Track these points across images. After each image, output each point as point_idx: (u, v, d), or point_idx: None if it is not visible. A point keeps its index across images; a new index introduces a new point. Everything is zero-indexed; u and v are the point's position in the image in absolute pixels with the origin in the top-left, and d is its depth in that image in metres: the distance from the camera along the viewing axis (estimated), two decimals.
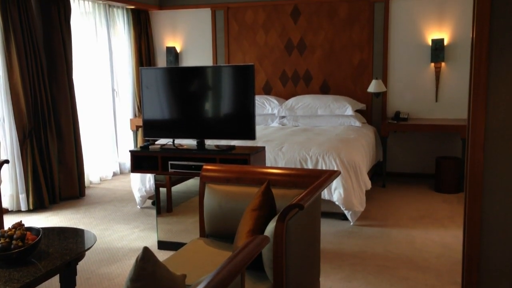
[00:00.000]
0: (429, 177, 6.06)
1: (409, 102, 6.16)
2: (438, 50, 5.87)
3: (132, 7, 6.71)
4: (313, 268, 2.72)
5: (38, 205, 5.17)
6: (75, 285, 2.78)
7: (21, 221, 2.63)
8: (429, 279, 3.37)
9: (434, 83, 6.03)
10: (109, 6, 6.51)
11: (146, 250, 1.47)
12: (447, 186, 5.51)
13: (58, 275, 2.69)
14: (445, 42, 5.90)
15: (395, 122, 5.80)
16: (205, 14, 6.94)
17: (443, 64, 5.97)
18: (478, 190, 2.31)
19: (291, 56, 6.60)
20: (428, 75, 6.06)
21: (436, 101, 6.06)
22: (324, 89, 6.49)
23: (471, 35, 2.31)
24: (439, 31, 5.94)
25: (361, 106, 6.15)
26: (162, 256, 3.41)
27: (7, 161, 3.49)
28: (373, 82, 5.95)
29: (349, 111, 5.82)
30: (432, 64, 6.00)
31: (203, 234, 2.92)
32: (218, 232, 2.82)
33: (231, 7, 6.76)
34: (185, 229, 4.08)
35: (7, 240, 2.43)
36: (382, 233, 4.30)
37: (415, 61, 6.09)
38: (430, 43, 5.96)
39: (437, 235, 4.21)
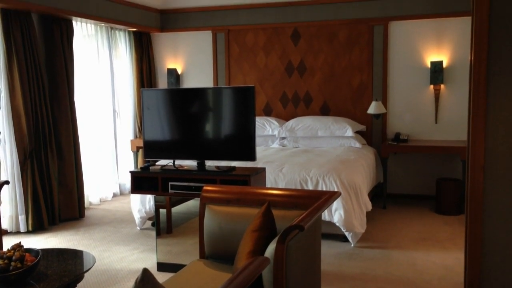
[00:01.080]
0: (429, 199, 6.04)
1: (409, 124, 6.19)
2: (437, 72, 5.92)
3: (134, 29, 6.79)
4: None
5: (38, 226, 5.15)
6: None
7: (20, 243, 2.62)
8: None
9: (434, 104, 6.06)
10: (111, 28, 6.59)
11: (145, 271, 1.47)
12: (448, 208, 5.49)
13: None
14: (444, 64, 5.95)
15: (395, 143, 5.82)
16: (206, 37, 7.01)
17: (442, 86, 6.01)
18: (478, 211, 2.31)
19: (291, 78, 6.65)
20: (427, 97, 6.10)
21: (436, 122, 6.08)
22: (324, 111, 6.52)
23: (469, 58, 2.33)
24: (437, 54, 6.00)
25: (361, 127, 6.17)
26: (162, 278, 3.38)
27: (7, 182, 3.49)
28: (373, 103, 5.98)
29: (349, 132, 5.84)
30: (432, 86, 6.04)
31: (203, 255, 2.90)
32: (218, 253, 2.80)
33: (232, 30, 6.84)
34: (185, 250, 4.05)
35: (5, 261, 2.41)
36: (383, 255, 4.27)
37: (415, 83, 6.14)
38: (429, 65, 6.01)
39: (438, 257, 4.18)
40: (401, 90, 6.20)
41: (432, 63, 5.96)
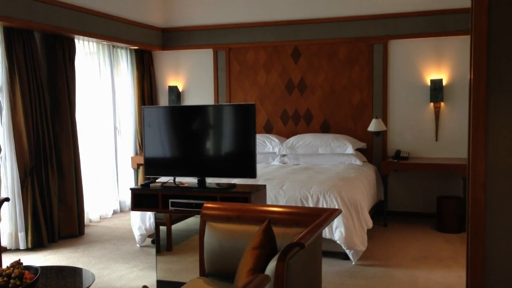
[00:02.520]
0: (430, 217, 6.02)
1: (410, 141, 6.19)
2: (437, 90, 5.95)
3: (136, 47, 6.85)
4: None
5: (37, 244, 5.12)
6: None
7: (19, 260, 2.61)
8: None
9: (434, 122, 6.08)
10: (113, 46, 6.65)
11: None
12: (449, 226, 5.47)
13: None
14: (444, 82, 5.98)
15: (396, 161, 5.82)
16: (207, 55, 7.06)
17: (442, 104, 6.03)
18: (480, 229, 2.30)
19: (291, 96, 6.68)
20: (427, 114, 6.12)
21: (436, 140, 6.09)
22: (325, 128, 6.54)
23: (469, 76, 2.35)
24: (437, 72, 6.04)
25: (362, 145, 6.18)
26: None
27: (7, 199, 3.49)
28: (373, 121, 6.00)
29: (350, 149, 5.85)
30: (432, 104, 6.06)
31: (203, 273, 2.88)
32: (218, 271, 2.79)
33: (233, 48, 6.89)
34: (185, 268, 4.03)
35: (5, 279, 2.40)
36: (384, 273, 4.24)
37: (415, 101, 6.16)
38: (429, 83, 6.04)
39: (440, 276, 4.15)
40: (401, 108, 6.22)
41: (432, 81, 5.99)
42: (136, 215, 4.94)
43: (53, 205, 5.34)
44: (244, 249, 2.48)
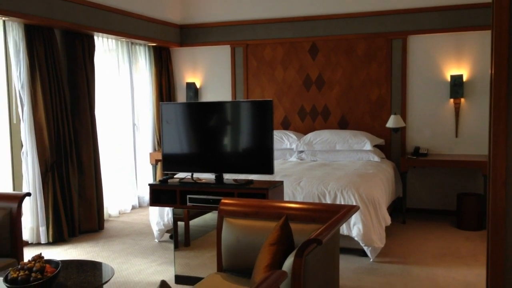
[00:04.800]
0: (450, 214, 5.95)
1: (429, 138, 6.12)
2: (457, 86, 5.87)
3: (154, 44, 6.89)
4: None
5: (58, 238, 5.21)
6: None
7: (40, 254, 2.65)
8: None
9: (454, 118, 6.00)
10: (132, 43, 6.70)
11: (163, 284, 1.47)
12: (469, 223, 5.40)
13: None
14: (464, 78, 5.90)
15: (415, 157, 5.76)
16: (224, 51, 7.07)
17: (462, 100, 5.95)
18: (500, 227, 2.27)
19: (309, 92, 6.66)
20: (447, 110, 6.04)
21: (456, 136, 6.01)
22: (343, 124, 6.51)
23: (490, 71, 2.31)
24: (457, 67, 5.95)
25: (380, 141, 6.13)
26: None
27: (29, 194, 3.54)
28: (392, 117, 5.95)
29: (368, 146, 5.81)
30: (452, 100, 5.98)
31: (220, 268, 2.90)
32: (236, 266, 2.80)
33: (250, 44, 6.89)
34: (203, 263, 4.06)
35: (26, 272, 2.44)
36: (402, 270, 4.21)
37: (434, 97, 6.09)
38: (449, 79, 5.96)
39: (460, 274, 4.10)
40: (421, 104, 6.15)
41: (452, 76, 5.91)
42: (154, 211, 4.99)
43: (73, 200, 5.41)
44: (261, 245, 2.49)
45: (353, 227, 4.35)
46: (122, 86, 6.58)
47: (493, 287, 2.29)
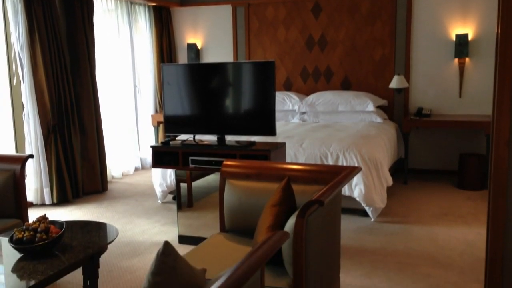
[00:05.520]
0: (452, 174, 5.97)
1: (432, 98, 6.08)
2: (462, 45, 5.77)
3: (154, 4, 6.76)
4: (333, 264, 2.71)
5: (62, 199, 5.27)
6: (97, 277, 2.82)
7: (45, 215, 2.68)
8: (452, 277, 3.33)
9: (458, 78, 5.93)
10: (131, 3, 6.57)
11: (166, 244, 1.49)
12: (471, 183, 5.42)
13: (81, 267, 2.74)
14: (470, 37, 5.80)
15: (417, 118, 5.73)
16: (225, 11, 6.95)
17: (467, 59, 5.87)
18: (502, 187, 2.27)
19: (312, 52, 6.57)
20: (451, 70, 5.97)
21: (460, 97, 5.96)
22: (345, 85, 6.45)
23: (496, 30, 2.27)
24: (463, 26, 5.84)
25: (383, 102, 6.09)
26: (183, 250, 3.43)
27: (31, 156, 3.55)
28: (395, 78, 5.89)
29: (371, 107, 5.78)
30: (456, 60, 5.90)
31: (223, 229, 2.93)
32: (238, 227, 2.83)
33: (252, 4, 6.75)
34: (205, 224, 4.10)
35: (31, 233, 2.47)
36: (403, 230, 4.26)
37: (439, 57, 6.01)
38: (454, 38, 5.86)
39: (460, 233, 4.15)
40: (425, 64, 6.08)
41: (457, 35, 5.81)
42: (157, 172, 5.01)
43: (76, 162, 5.44)
44: (264, 206, 2.51)
45: (355, 188, 4.37)
46: (122, 48, 6.50)
47: (493, 246, 2.32)
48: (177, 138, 4.49)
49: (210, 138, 4.14)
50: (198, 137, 4.12)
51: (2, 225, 3.12)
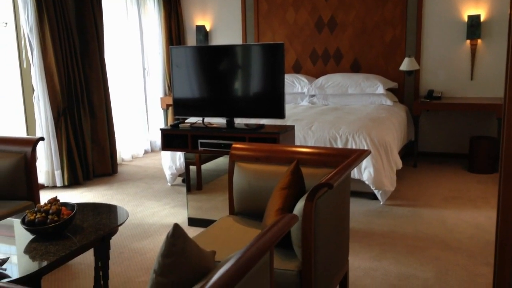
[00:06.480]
0: (462, 157, 5.94)
1: (443, 81, 6.02)
2: (474, 26, 5.68)
3: None
4: (342, 247, 2.72)
5: (73, 181, 5.32)
6: (108, 259, 2.85)
7: (56, 197, 2.70)
8: (461, 259, 3.33)
9: (470, 60, 5.86)
10: None
11: (176, 226, 1.50)
12: (481, 166, 5.39)
13: (92, 249, 2.77)
14: (482, 18, 5.71)
15: (428, 101, 5.68)
16: None
17: (479, 41, 5.78)
18: None
19: (321, 34, 6.50)
20: (463, 52, 5.89)
21: (471, 79, 5.89)
22: (355, 68, 6.39)
23: (509, 11, 2.22)
24: (475, 7, 5.74)
25: (393, 84, 6.04)
26: (192, 232, 3.47)
27: (42, 138, 3.58)
28: (406, 60, 5.83)
29: (381, 89, 5.73)
30: (468, 41, 5.82)
31: (232, 211, 2.95)
32: (247, 210, 2.84)
33: None
34: (215, 206, 4.13)
35: (43, 214, 2.50)
36: (412, 213, 4.26)
37: (450, 38, 5.92)
38: (466, 19, 5.77)
39: (469, 216, 4.14)
40: (436, 46, 6.00)
41: (469, 17, 5.72)
42: (166, 155, 5.03)
43: (86, 144, 5.48)
44: (273, 189, 2.51)
45: (364, 171, 4.36)
46: (131, 30, 6.48)
47: (503, 229, 2.31)
48: (186, 121, 4.49)
49: (219, 121, 4.14)
50: (207, 120, 4.12)
51: (14, 206, 3.16)
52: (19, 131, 5.16)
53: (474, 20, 5.68)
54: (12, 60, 5.06)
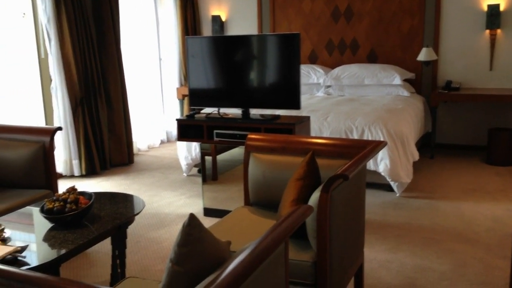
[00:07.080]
0: (480, 149, 5.86)
1: (462, 71, 5.93)
2: (494, 16, 5.58)
3: None
4: (358, 238, 2.71)
5: (90, 171, 5.38)
6: (125, 247, 2.89)
7: (74, 186, 2.74)
8: (478, 252, 3.30)
9: (489, 51, 5.76)
10: None
11: (192, 216, 1.51)
12: (500, 159, 5.32)
13: (109, 237, 2.80)
14: (502, 8, 5.60)
15: (446, 91, 5.61)
16: None
17: (499, 31, 5.68)
18: None
19: (337, 24, 6.45)
20: (482, 42, 5.80)
21: (491, 69, 5.80)
22: (372, 58, 6.33)
23: None
24: None
25: (410, 75, 5.97)
26: (208, 222, 3.48)
27: (60, 128, 3.62)
28: (423, 50, 5.75)
29: (397, 80, 5.67)
30: (487, 31, 5.72)
31: (247, 202, 2.96)
32: (262, 200, 2.85)
33: None
34: (230, 197, 4.14)
35: (61, 203, 2.53)
36: (429, 205, 4.23)
37: (469, 28, 5.83)
38: (485, 8, 5.67)
39: (487, 209, 4.09)
40: (454, 35, 5.91)
41: (489, 6, 5.61)
42: (182, 145, 5.06)
43: (103, 134, 5.53)
44: (288, 180, 2.51)
45: (380, 163, 4.34)
46: (146, 20, 6.50)
47: None
48: (201, 111, 4.50)
49: (234, 112, 4.14)
50: (222, 110, 4.12)
51: (33, 195, 3.21)
52: (38, 121, 5.23)
53: (493, 10, 5.57)
54: (30, 51, 5.12)
